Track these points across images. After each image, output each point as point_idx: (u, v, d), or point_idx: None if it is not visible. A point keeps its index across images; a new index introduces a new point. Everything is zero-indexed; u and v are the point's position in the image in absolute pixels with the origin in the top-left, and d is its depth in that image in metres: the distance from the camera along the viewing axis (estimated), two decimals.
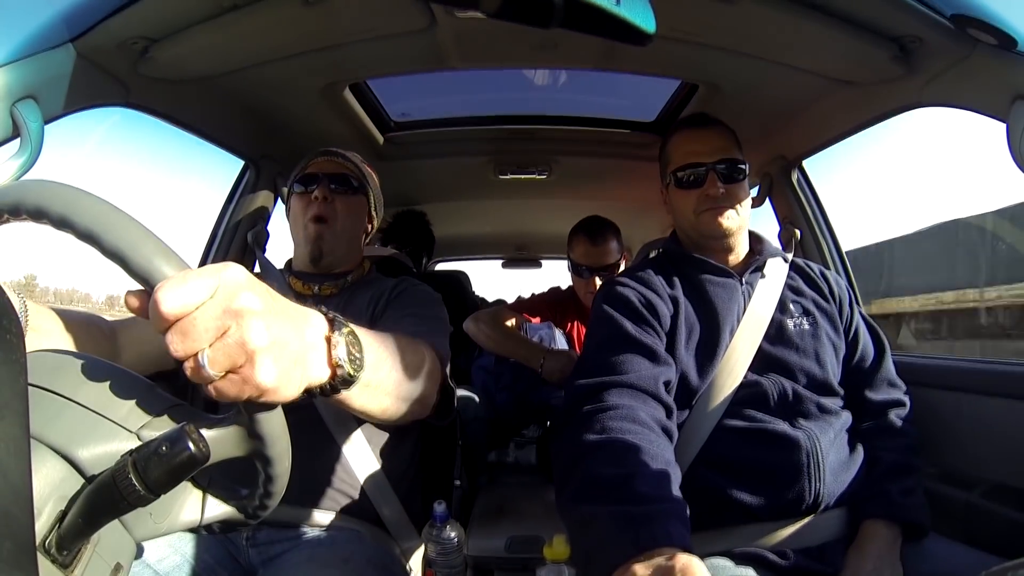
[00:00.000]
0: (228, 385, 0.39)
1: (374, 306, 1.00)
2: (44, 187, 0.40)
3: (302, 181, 1.07)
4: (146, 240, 0.39)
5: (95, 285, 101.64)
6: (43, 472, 0.40)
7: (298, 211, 1.07)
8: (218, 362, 0.38)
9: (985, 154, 47.89)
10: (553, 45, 1.13)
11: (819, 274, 1.09)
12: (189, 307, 0.36)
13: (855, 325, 1.05)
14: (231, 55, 1.04)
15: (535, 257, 3.33)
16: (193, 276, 0.37)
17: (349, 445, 0.93)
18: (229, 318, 0.38)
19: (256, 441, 0.45)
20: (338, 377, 0.49)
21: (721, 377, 0.93)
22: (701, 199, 1.01)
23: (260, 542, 0.89)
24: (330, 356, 0.48)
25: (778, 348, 0.97)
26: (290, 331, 0.43)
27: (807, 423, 0.91)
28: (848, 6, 0.87)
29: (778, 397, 0.92)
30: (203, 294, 0.37)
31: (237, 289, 0.39)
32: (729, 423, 0.91)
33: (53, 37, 0.79)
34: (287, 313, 0.44)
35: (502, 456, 1.81)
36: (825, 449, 0.88)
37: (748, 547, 0.86)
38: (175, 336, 0.37)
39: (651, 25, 0.59)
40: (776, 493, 0.87)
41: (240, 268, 0.40)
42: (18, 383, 0.33)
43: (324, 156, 1.10)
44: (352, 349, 0.50)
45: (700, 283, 1.02)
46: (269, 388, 0.40)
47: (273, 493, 0.50)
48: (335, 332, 0.48)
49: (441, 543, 0.97)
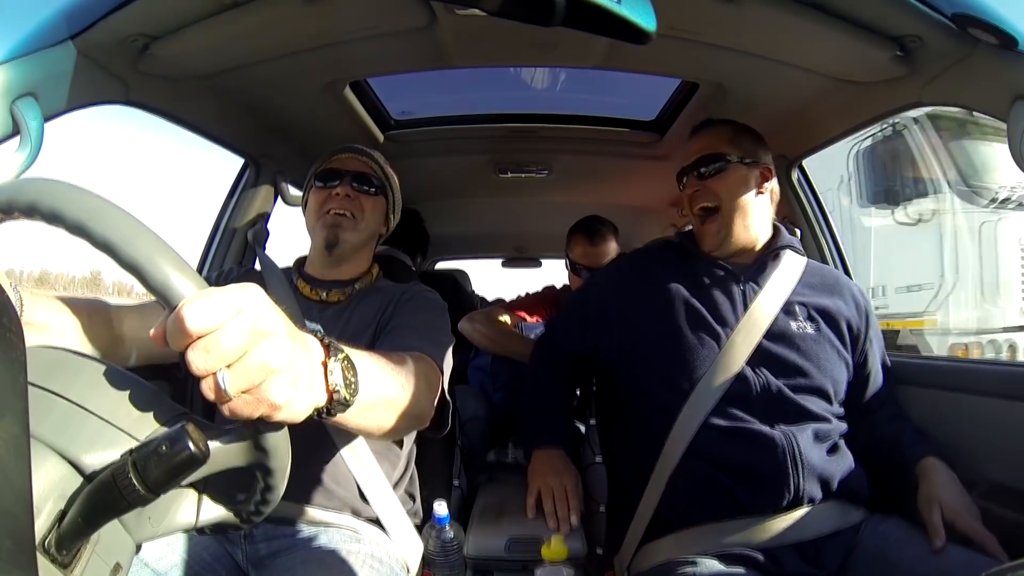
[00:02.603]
0: (243, 405, 0.39)
1: (381, 314, 0.99)
2: (62, 191, 0.39)
3: (323, 176, 1.06)
4: (165, 255, 0.39)
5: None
6: (43, 471, 0.39)
7: (316, 205, 1.05)
8: (237, 382, 0.38)
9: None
10: (554, 44, 1.12)
11: (848, 290, 1.10)
12: (214, 325, 0.37)
13: (869, 348, 1.07)
14: (231, 53, 1.04)
15: (535, 256, 3.33)
16: (219, 294, 0.38)
17: (347, 445, 0.93)
18: (252, 338, 0.38)
19: (259, 453, 0.45)
20: (335, 401, 0.50)
21: (715, 372, 0.95)
22: (688, 200, 1.11)
23: (258, 540, 0.89)
24: (327, 381, 0.49)
25: (777, 346, 0.98)
26: (302, 354, 0.44)
27: (784, 426, 0.92)
28: (848, 6, 0.87)
29: (760, 394, 0.94)
30: (229, 313, 0.37)
31: (261, 310, 0.40)
32: (713, 421, 0.93)
33: (53, 34, 0.79)
34: (298, 337, 0.45)
35: (501, 456, 1.81)
36: (804, 447, 0.90)
37: (740, 548, 0.87)
38: (198, 354, 0.37)
39: (652, 24, 0.59)
40: (760, 486, 0.89)
41: (261, 290, 0.41)
42: (18, 382, 0.32)
43: (349, 152, 1.09)
44: (347, 374, 0.51)
45: (700, 279, 1.05)
46: (283, 407, 0.41)
47: (270, 501, 0.50)
48: (331, 358, 0.49)
49: (440, 543, 0.97)
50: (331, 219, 1.03)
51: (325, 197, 1.05)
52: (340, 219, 1.04)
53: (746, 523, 0.89)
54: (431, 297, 1.05)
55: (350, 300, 1.04)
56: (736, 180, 1.06)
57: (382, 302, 1.01)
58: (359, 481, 0.94)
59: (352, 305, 1.03)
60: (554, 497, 1.02)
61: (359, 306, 1.02)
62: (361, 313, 1.00)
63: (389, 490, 0.97)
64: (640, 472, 0.99)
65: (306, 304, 1.03)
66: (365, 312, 1.00)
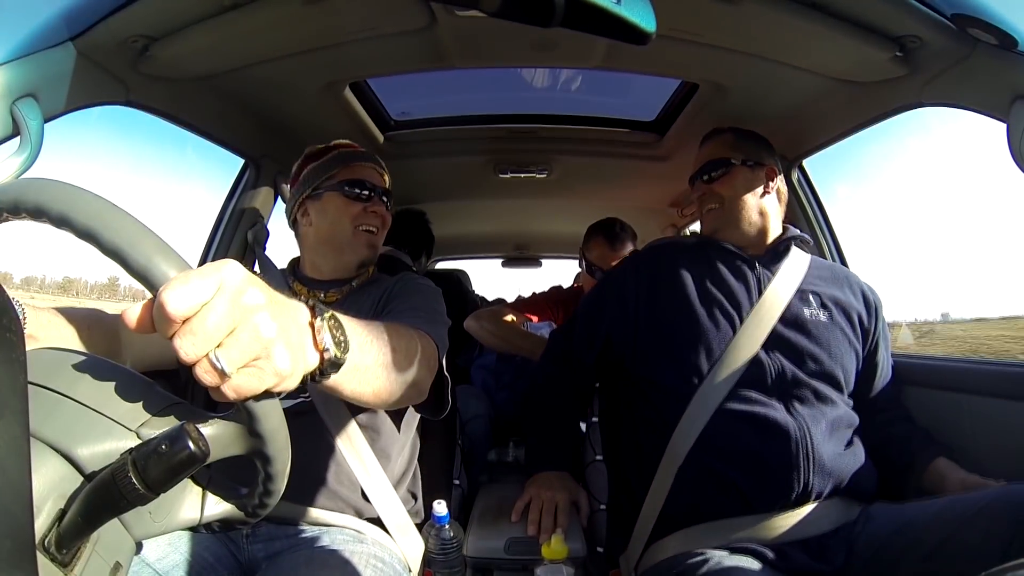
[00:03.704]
0: (247, 379, 0.39)
1: (376, 305, 1.00)
2: (43, 185, 0.40)
3: (352, 184, 1.04)
4: (145, 238, 0.39)
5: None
6: (43, 470, 0.40)
7: (346, 216, 1.03)
8: (234, 359, 0.38)
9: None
10: (553, 44, 1.12)
11: (855, 284, 1.14)
12: (196, 306, 0.36)
13: (879, 340, 1.10)
14: (231, 54, 1.04)
15: (535, 256, 3.33)
16: (195, 275, 0.37)
17: (348, 445, 0.93)
18: (237, 313, 0.38)
19: (255, 439, 0.45)
20: (327, 361, 0.49)
21: (731, 355, 0.97)
22: (697, 203, 1.18)
23: (260, 539, 0.89)
24: (315, 341, 0.48)
25: (791, 331, 1.00)
26: (289, 319, 0.44)
27: (801, 408, 0.94)
28: (848, 6, 0.87)
29: (776, 376, 0.95)
30: (208, 292, 0.37)
31: (240, 284, 0.39)
32: (727, 406, 0.94)
33: (53, 35, 0.79)
34: (282, 303, 0.44)
35: (502, 455, 1.81)
36: (817, 440, 0.91)
37: (746, 542, 0.87)
38: (185, 339, 0.36)
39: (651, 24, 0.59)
40: (768, 480, 0.90)
41: (237, 264, 0.40)
42: (18, 381, 0.33)
43: (370, 164, 1.09)
44: (336, 333, 0.50)
45: (715, 265, 1.09)
46: (288, 375, 0.41)
47: (273, 492, 0.50)
48: (317, 318, 0.49)
49: (441, 543, 0.97)
50: (366, 237, 1.05)
51: (359, 211, 1.04)
52: (373, 238, 1.05)
53: (753, 520, 0.89)
54: (423, 282, 1.05)
55: (346, 297, 1.04)
56: (740, 181, 1.12)
57: (377, 295, 1.02)
58: (361, 481, 0.94)
59: (348, 302, 1.03)
60: (542, 509, 1.02)
61: (355, 301, 1.02)
62: (357, 307, 1.00)
63: (391, 490, 0.97)
64: (645, 468, 0.99)
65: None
66: (361, 306, 1.00)
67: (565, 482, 1.08)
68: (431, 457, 1.15)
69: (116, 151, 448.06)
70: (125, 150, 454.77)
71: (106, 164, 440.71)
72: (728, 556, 0.85)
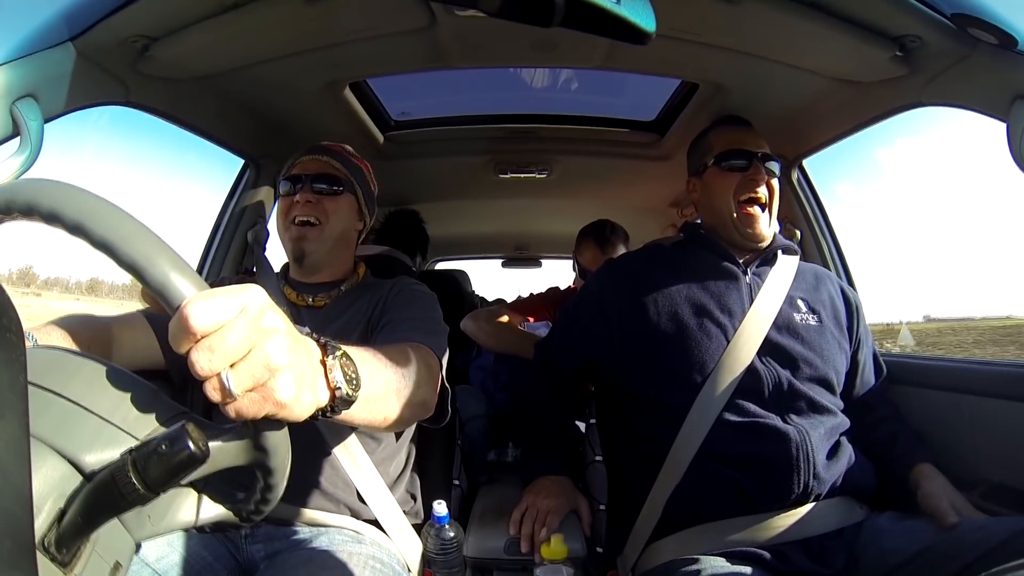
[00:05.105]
0: (248, 404, 0.39)
1: (371, 312, 0.99)
2: (60, 190, 0.39)
3: (285, 181, 1.05)
4: (164, 255, 0.39)
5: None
6: (43, 470, 0.39)
7: (281, 214, 1.04)
8: (243, 381, 0.38)
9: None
10: (553, 44, 1.13)
11: (835, 284, 1.13)
12: (218, 324, 0.37)
13: (861, 339, 1.09)
14: (231, 54, 1.04)
15: (535, 256, 3.33)
16: (221, 294, 0.38)
17: (344, 446, 0.93)
18: (256, 336, 0.38)
19: (259, 452, 0.45)
20: (338, 399, 0.50)
21: (726, 365, 0.95)
22: (744, 183, 1.07)
23: (259, 539, 0.89)
24: (328, 380, 0.49)
25: (784, 337, 0.99)
26: (302, 354, 0.44)
27: (798, 414, 0.93)
28: (848, 6, 0.87)
29: (773, 387, 0.94)
30: (232, 311, 0.37)
31: (263, 309, 0.40)
32: (726, 417, 0.93)
33: (53, 36, 0.79)
34: (298, 336, 0.45)
35: (501, 455, 1.81)
36: (815, 443, 0.90)
37: (747, 546, 0.86)
38: (202, 354, 0.37)
39: (651, 24, 0.59)
40: (770, 480, 0.89)
41: (261, 289, 0.41)
42: (18, 381, 0.32)
43: (309, 155, 1.06)
44: (347, 370, 0.51)
45: (702, 271, 1.06)
46: (287, 404, 0.41)
47: (270, 500, 0.50)
48: (329, 356, 0.49)
49: (441, 543, 0.97)
50: (296, 230, 1.01)
51: (288, 205, 1.02)
52: (304, 230, 1.01)
53: (753, 520, 0.88)
54: (419, 289, 1.04)
55: (336, 302, 1.03)
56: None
57: (371, 301, 1.01)
58: (356, 484, 0.94)
59: (339, 307, 1.02)
60: (534, 520, 0.99)
61: (347, 307, 1.01)
62: (350, 314, 1.00)
63: (387, 492, 0.97)
64: (645, 471, 0.98)
65: (294, 309, 1.03)
66: (354, 312, 1.00)
67: (564, 489, 1.05)
68: (431, 458, 1.15)
69: (116, 151, 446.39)
70: (125, 150, 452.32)
71: (106, 164, 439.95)
72: (725, 563, 0.85)
